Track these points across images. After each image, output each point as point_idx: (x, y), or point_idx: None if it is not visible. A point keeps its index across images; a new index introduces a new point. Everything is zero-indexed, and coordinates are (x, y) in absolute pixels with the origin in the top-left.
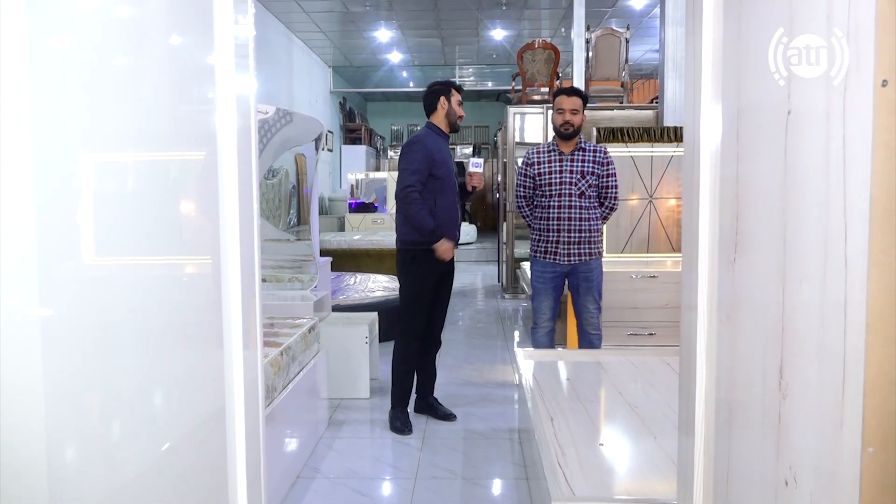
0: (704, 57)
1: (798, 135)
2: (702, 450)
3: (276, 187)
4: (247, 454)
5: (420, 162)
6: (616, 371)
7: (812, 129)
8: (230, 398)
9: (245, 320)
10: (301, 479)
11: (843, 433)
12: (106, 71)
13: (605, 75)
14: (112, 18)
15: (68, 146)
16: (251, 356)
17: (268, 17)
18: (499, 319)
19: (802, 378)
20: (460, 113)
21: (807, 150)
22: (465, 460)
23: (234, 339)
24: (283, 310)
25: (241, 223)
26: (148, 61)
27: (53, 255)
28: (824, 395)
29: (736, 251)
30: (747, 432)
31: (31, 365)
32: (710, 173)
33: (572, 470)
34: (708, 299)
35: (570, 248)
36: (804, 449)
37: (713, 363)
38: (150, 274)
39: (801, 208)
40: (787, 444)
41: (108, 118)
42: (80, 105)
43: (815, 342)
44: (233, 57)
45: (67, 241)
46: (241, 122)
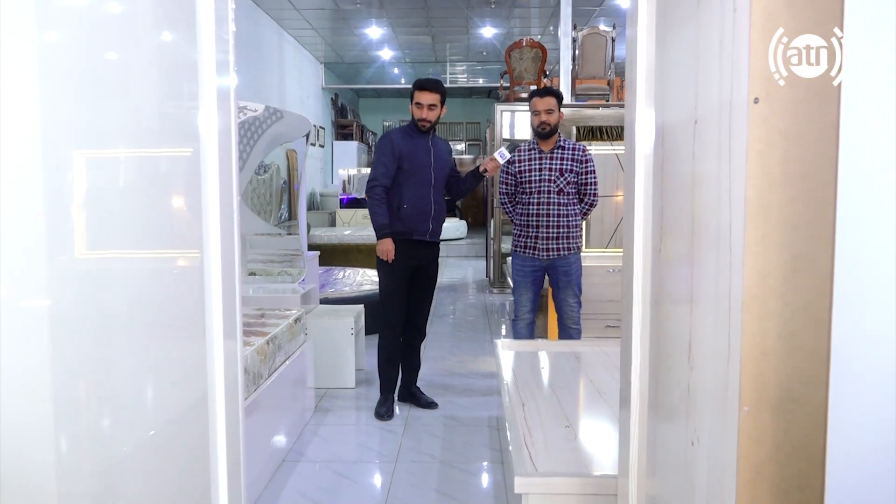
0: (639, 71)
1: (701, 140)
2: (636, 421)
3: (268, 183)
4: (227, 441)
5: (385, 156)
6: (590, 361)
7: (710, 136)
8: (212, 387)
9: (225, 312)
10: (286, 463)
11: (727, 396)
12: (89, 68)
13: (592, 73)
14: (96, 15)
15: (54, 143)
16: (231, 346)
17: (259, 13)
18: (485, 313)
19: (703, 351)
20: (417, 115)
21: (707, 154)
22: (444, 445)
23: (216, 330)
24: (271, 302)
25: (223, 218)
26: (131, 58)
27: (41, 250)
28: (716, 364)
29: (662, 241)
30: (668, 403)
31: (20, 356)
32: (644, 174)
33: (537, 449)
34: (642, 286)
35: (548, 243)
36: (703, 412)
37: (646, 344)
38: (135, 267)
39: (703, 202)
40: (693, 409)
41: (92, 115)
42: (63, 101)
43: (710, 319)
44: (214, 53)
45: (53, 236)
46: (223, 119)
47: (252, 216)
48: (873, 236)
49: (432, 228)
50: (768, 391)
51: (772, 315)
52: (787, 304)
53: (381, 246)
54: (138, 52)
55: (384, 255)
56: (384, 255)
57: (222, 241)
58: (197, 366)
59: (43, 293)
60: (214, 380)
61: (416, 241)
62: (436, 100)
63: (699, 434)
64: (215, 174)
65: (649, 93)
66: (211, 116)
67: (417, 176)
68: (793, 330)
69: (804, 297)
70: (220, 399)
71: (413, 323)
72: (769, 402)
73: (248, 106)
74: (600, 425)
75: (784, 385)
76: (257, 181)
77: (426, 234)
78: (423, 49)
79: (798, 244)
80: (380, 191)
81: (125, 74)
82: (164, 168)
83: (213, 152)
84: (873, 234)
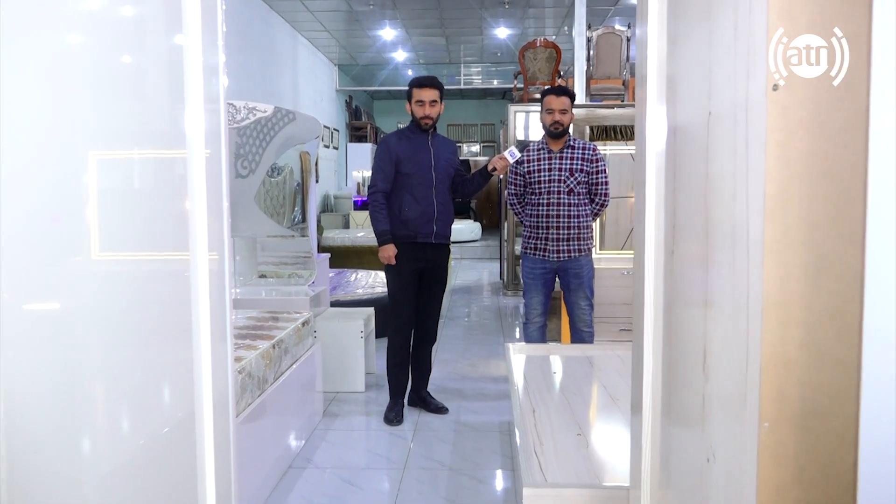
0: (650, 67)
1: (715, 133)
2: (649, 430)
3: (281, 185)
4: (216, 457)
5: (383, 161)
6: (603, 365)
7: (724, 128)
8: (199, 401)
9: (213, 317)
10: (293, 469)
11: (745, 410)
12: (71, 67)
13: (607, 73)
14: (75, 10)
15: (29, 145)
16: (220, 354)
17: (272, 16)
18: (498, 316)
19: (719, 360)
20: (419, 113)
21: (722, 147)
22: (454, 451)
23: (203, 338)
24: (281, 304)
25: (210, 221)
26: (112, 60)
27: (20, 252)
28: (734, 374)
29: (675, 242)
30: (682, 412)
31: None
32: (656, 173)
33: (548, 458)
34: (654, 289)
35: (559, 244)
36: (719, 426)
37: (659, 349)
38: (118, 270)
39: (718, 199)
40: (708, 421)
41: (76, 116)
42: (40, 104)
43: (727, 325)
44: (200, 54)
45: (30, 239)
46: (211, 121)
47: (264, 218)
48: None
49: (437, 230)
50: (791, 405)
51: (794, 321)
52: (811, 309)
53: (383, 252)
54: (119, 53)
55: (386, 262)
56: (385, 261)
57: (210, 244)
58: (183, 379)
59: (22, 297)
60: (202, 393)
61: (422, 244)
62: (436, 96)
63: (715, 449)
64: (202, 177)
65: (661, 89)
66: (198, 118)
67: (417, 178)
68: (817, 337)
69: (830, 302)
70: (209, 414)
71: (423, 326)
72: (791, 417)
73: (258, 107)
74: (613, 433)
75: (808, 398)
76: (270, 183)
77: (431, 235)
78: (437, 50)
79: (823, 243)
80: (379, 196)
81: (106, 76)
82: (148, 171)
83: (200, 155)
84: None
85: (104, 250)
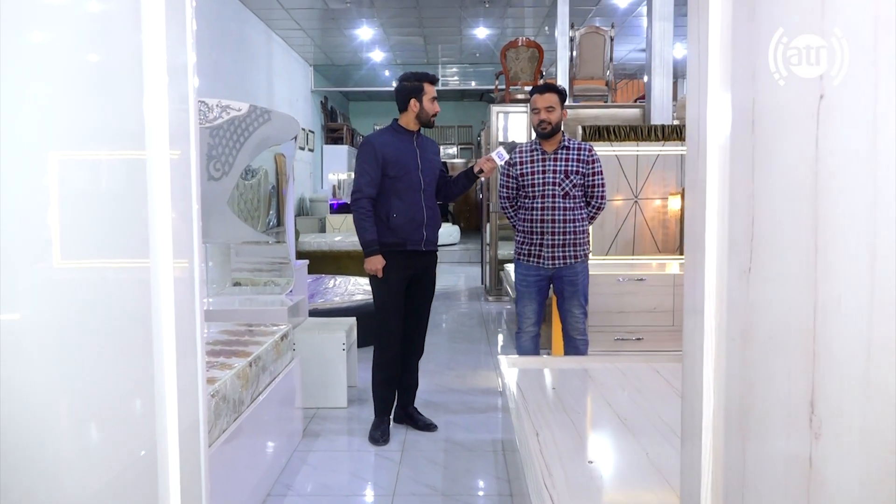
0: (711, 36)
1: (833, 122)
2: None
3: (255, 188)
4: (181, 497)
5: (368, 164)
6: (603, 379)
7: (853, 114)
8: (161, 429)
9: (180, 332)
10: (271, 497)
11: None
12: (25, 60)
13: (590, 74)
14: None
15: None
16: (189, 373)
17: (246, 13)
18: (482, 323)
19: (842, 416)
20: (434, 110)
21: (845, 140)
22: (445, 474)
23: (167, 355)
24: (257, 316)
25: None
26: (77, 55)
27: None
28: (872, 439)
29: (751, 260)
30: (767, 476)
31: None
32: (719, 171)
33: (559, 491)
34: (717, 314)
35: (554, 250)
36: (845, 503)
37: (721, 388)
38: (71, 278)
39: (838, 210)
40: (821, 494)
41: (30, 113)
42: None
43: (858, 374)
44: (164, 50)
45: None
46: (176, 120)
47: (238, 222)
48: None
49: (426, 236)
50: None
51: None
52: None
53: (370, 264)
54: (82, 51)
55: (373, 273)
56: (373, 273)
57: (176, 251)
58: (145, 406)
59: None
60: (166, 423)
61: (411, 252)
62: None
63: None
64: (166, 179)
65: (725, 70)
66: (161, 118)
67: (405, 181)
68: None
69: None
70: (174, 446)
71: (409, 338)
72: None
73: (232, 105)
74: (628, 460)
75: None
76: (244, 186)
77: (420, 242)
78: (415, 51)
79: None
80: (365, 203)
81: (69, 74)
82: (110, 173)
83: (164, 156)
84: None
85: (65, 258)
